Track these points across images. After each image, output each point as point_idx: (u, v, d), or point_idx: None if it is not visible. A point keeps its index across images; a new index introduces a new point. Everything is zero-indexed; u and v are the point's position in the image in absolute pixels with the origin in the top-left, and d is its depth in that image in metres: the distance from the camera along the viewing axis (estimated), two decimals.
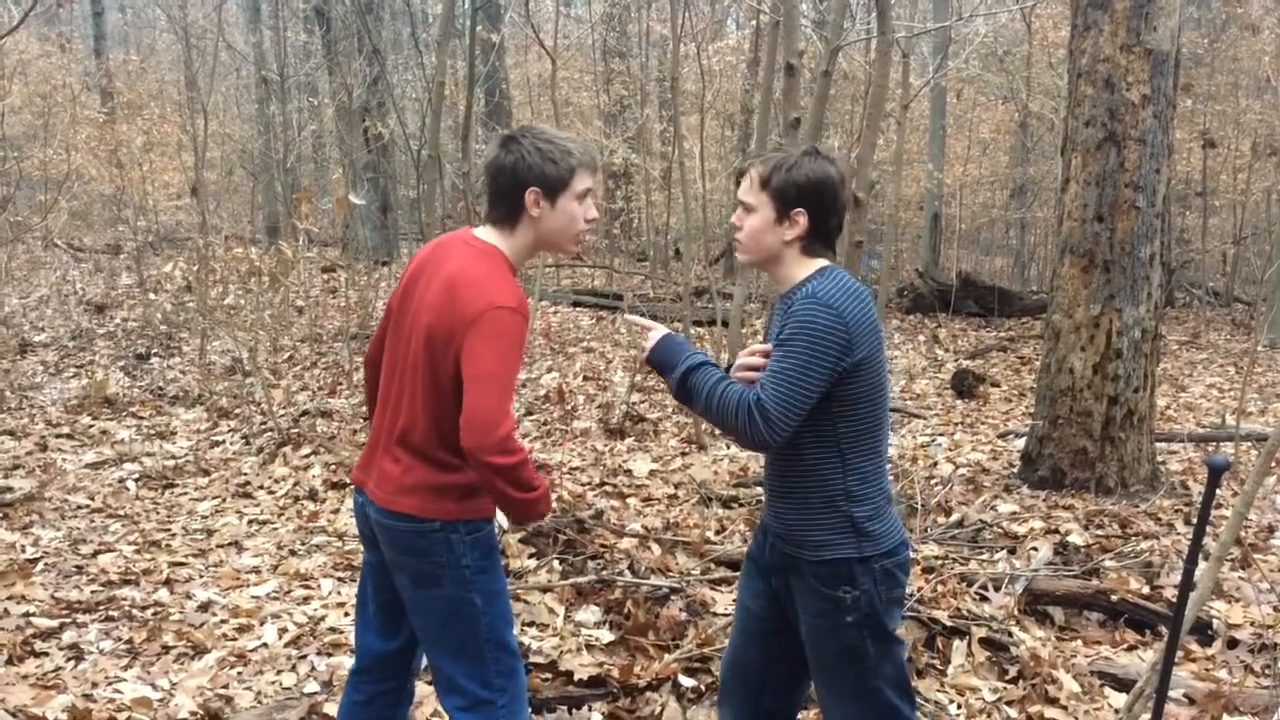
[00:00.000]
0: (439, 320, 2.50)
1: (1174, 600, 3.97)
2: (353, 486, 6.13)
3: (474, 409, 2.43)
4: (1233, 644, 4.15)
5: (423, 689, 3.39)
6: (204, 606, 4.58)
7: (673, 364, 2.53)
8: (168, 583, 4.86)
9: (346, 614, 4.48)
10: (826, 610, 2.50)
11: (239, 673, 3.96)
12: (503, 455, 2.43)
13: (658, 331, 2.62)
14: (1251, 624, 4.29)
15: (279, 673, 3.95)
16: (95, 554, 5.22)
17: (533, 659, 3.90)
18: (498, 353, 2.45)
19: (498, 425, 2.42)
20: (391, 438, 2.64)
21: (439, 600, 2.63)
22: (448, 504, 2.58)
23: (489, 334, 2.45)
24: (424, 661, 2.97)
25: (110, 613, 4.49)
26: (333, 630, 4.33)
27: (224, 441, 7.50)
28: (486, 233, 2.62)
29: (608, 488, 6.41)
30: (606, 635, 4.17)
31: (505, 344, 2.46)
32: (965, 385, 9.44)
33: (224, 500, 6.20)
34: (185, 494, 6.33)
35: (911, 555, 2.77)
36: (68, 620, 4.40)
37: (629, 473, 6.72)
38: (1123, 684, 3.78)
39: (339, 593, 4.74)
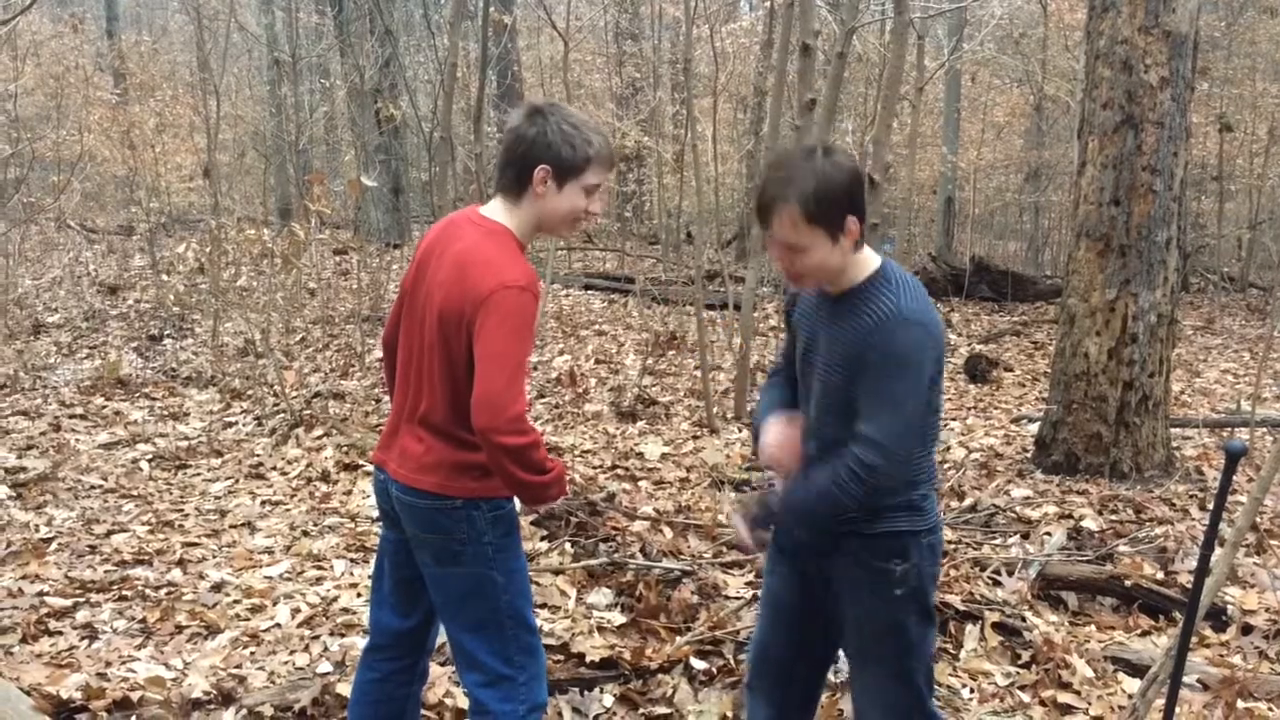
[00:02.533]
0: (450, 300, 2.49)
1: (1188, 586, 3.95)
2: (368, 466, 6.16)
3: (485, 389, 2.42)
4: (1247, 630, 4.13)
5: (436, 669, 3.39)
6: (217, 587, 4.60)
7: (773, 515, 2.49)
8: (181, 563, 4.88)
9: (359, 595, 4.49)
10: (877, 584, 2.47)
11: (252, 653, 3.97)
12: (514, 436, 2.42)
13: (739, 523, 2.56)
14: (1266, 610, 4.27)
15: (292, 653, 3.96)
16: (109, 534, 5.25)
17: (545, 641, 3.89)
18: (508, 332, 2.44)
19: (509, 405, 2.41)
20: (412, 417, 2.64)
21: (460, 577, 2.64)
22: (468, 481, 2.58)
23: (500, 313, 2.43)
24: (437, 641, 2.97)
25: (124, 592, 4.51)
26: (345, 611, 4.34)
27: (237, 423, 7.51)
28: (493, 209, 2.61)
29: (619, 471, 6.40)
30: (618, 617, 4.18)
31: (516, 323, 2.45)
32: (978, 370, 9.40)
33: (237, 481, 6.21)
34: (198, 475, 6.34)
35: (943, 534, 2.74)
36: (81, 600, 4.42)
37: (640, 456, 6.72)
38: (1136, 669, 3.76)
39: (351, 573, 4.75)
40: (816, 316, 2.53)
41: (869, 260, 2.45)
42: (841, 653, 2.73)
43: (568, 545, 4.87)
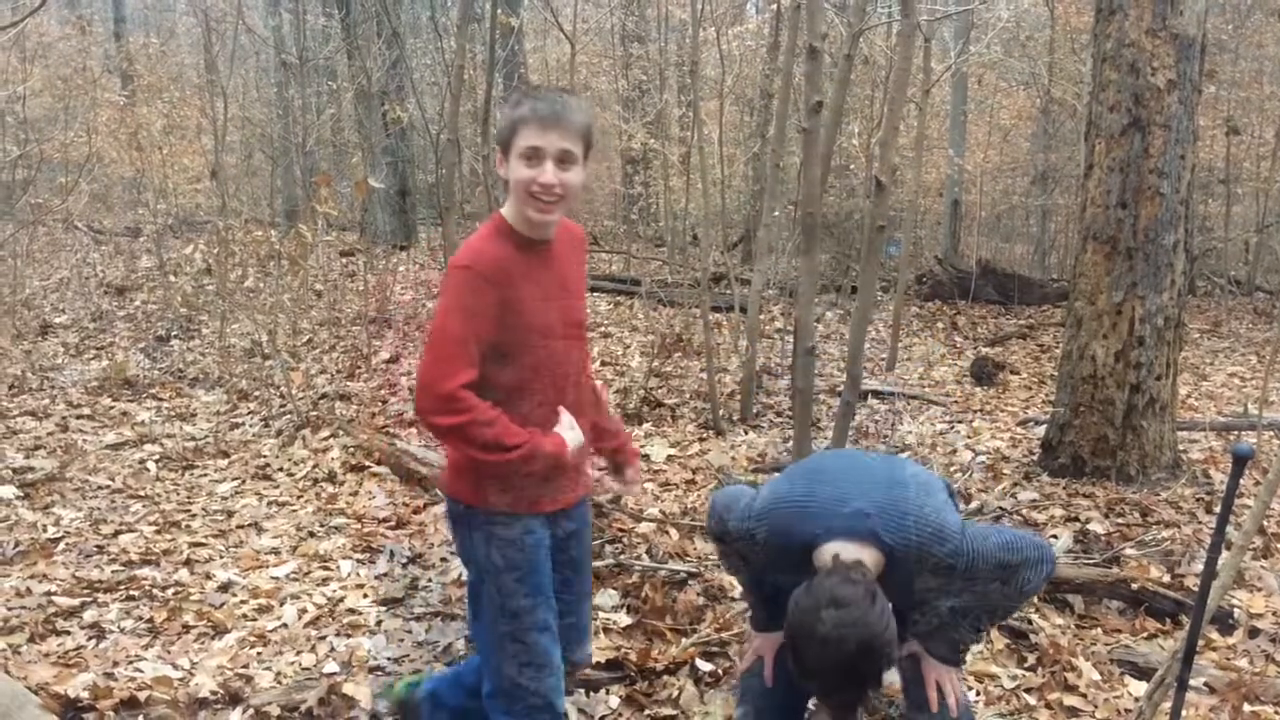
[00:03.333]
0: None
1: (1195, 589, 3.95)
2: (375, 468, 6.17)
3: (418, 371, 2.41)
4: (1254, 633, 4.13)
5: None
6: (224, 587, 4.61)
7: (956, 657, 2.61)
8: (188, 563, 4.89)
9: (365, 595, 4.50)
10: None
11: (259, 653, 3.98)
12: (445, 415, 2.37)
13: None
14: (1273, 614, 4.26)
15: (298, 653, 3.97)
16: (116, 534, 5.26)
17: None
18: (441, 310, 2.43)
19: (436, 383, 2.36)
20: None
21: (471, 583, 2.69)
22: (463, 485, 2.60)
23: (441, 294, 2.45)
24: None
25: (131, 592, 4.52)
26: (351, 611, 4.35)
27: (243, 424, 7.52)
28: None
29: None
30: (624, 619, 4.18)
31: (448, 300, 2.43)
32: (985, 372, 9.39)
33: (244, 482, 6.23)
34: (205, 475, 6.35)
35: None
36: (89, 599, 4.43)
37: (647, 457, 6.72)
38: (1143, 672, 3.76)
39: (358, 574, 4.76)
40: None
41: None
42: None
43: None
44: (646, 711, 3.56)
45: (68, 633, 4.12)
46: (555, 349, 2.59)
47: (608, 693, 3.63)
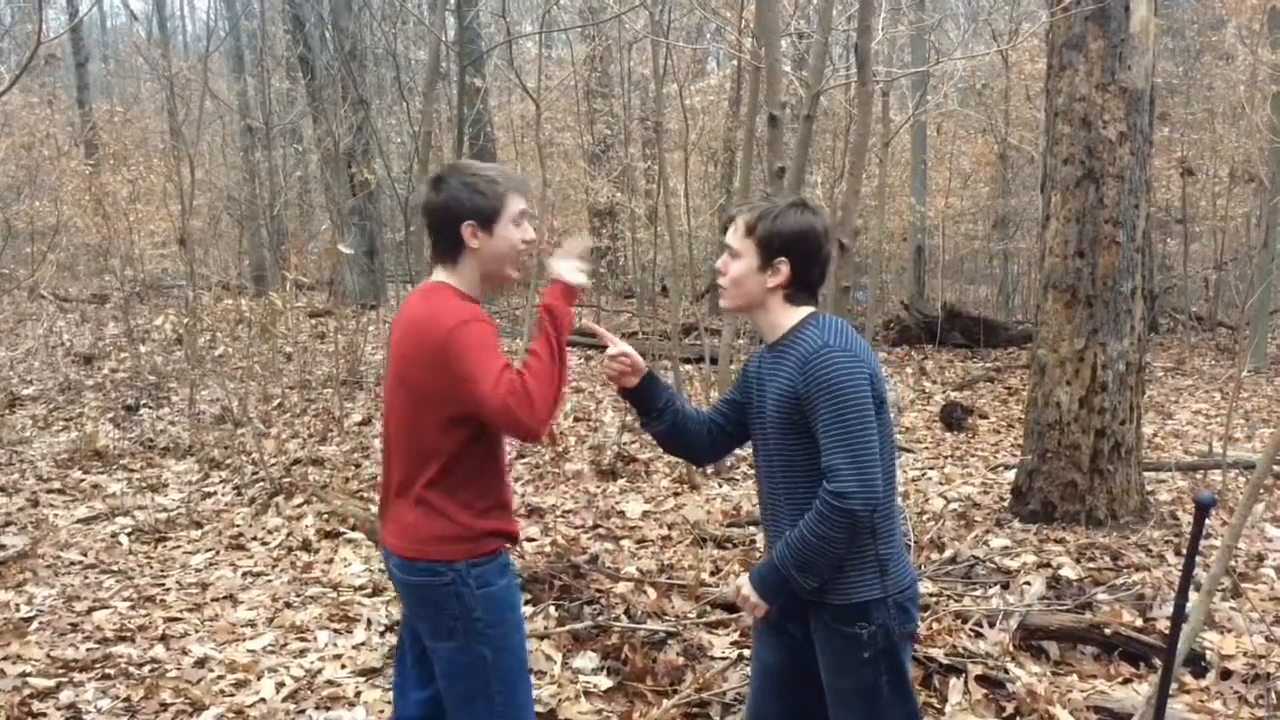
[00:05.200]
0: (408, 365, 2.60)
1: (1167, 632, 4.00)
2: (349, 534, 6.15)
3: (493, 411, 2.47)
4: (1226, 675, 4.17)
5: None
6: (200, 662, 4.58)
7: (776, 581, 2.53)
8: (163, 638, 4.86)
9: (344, 666, 4.48)
10: (844, 648, 2.53)
11: None
12: (547, 418, 2.51)
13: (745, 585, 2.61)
14: (1244, 654, 4.31)
15: None
16: (90, 610, 5.22)
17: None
18: (478, 356, 2.49)
19: (537, 417, 2.49)
20: (395, 491, 2.71)
21: (451, 652, 2.67)
22: (452, 548, 2.62)
23: (463, 349, 2.49)
24: None
25: (107, 670, 4.48)
26: (330, 683, 4.33)
27: (216, 493, 7.49)
28: (436, 273, 2.70)
29: (601, 530, 6.42)
30: (605, 681, 4.18)
31: (479, 346, 2.51)
32: (954, 418, 9.49)
33: (217, 553, 6.19)
34: (178, 547, 6.32)
35: (919, 590, 2.80)
36: (65, 679, 4.39)
37: (622, 514, 6.74)
38: (1119, 718, 3.80)
39: (335, 644, 4.74)
40: (759, 373, 2.66)
41: (801, 311, 2.61)
42: None
43: (552, 609, 4.87)
44: None
45: (44, 715, 4.08)
46: None
47: None
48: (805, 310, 2.61)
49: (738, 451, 8.26)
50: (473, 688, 2.67)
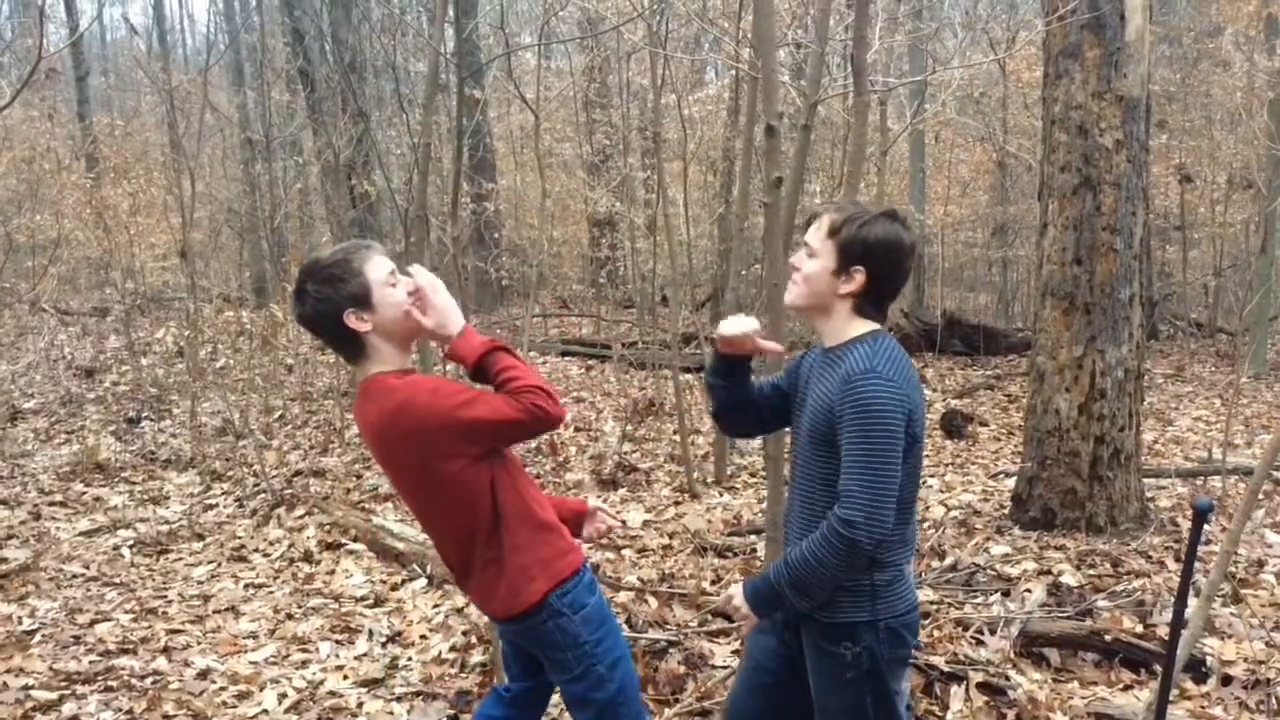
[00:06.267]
0: (406, 467, 2.62)
1: (1167, 639, 4.01)
2: (350, 545, 6.15)
3: (523, 423, 2.54)
4: (1227, 681, 4.18)
5: None
6: (203, 674, 4.59)
7: (768, 595, 2.54)
8: (166, 650, 4.87)
9: (346, 677, 4.49)
10: (830, 666, 2.54)
11: None
12: (550, 404, 2.55)
13: (737, 596, 2.62)
14: (1245, 660, 4.32)
15: None
16: (92, 623, 5.23)
17: None
18: (471, 404, 2.53)
19: (550, 415, 2.55)
20: (461, 573, 2.76)
21: (571, 682, 2.76)
22: (534, 587, 2.66)
23: (453, 411, 2.52)
24: None
25: (109, 683, 4.49)
26: (332, 694, 4.34)
27: (217, 505, 7.50)
28: (360, 370, 2.67)
29: (602, 540, 6.41)
30: None
31: (464, 402, 2.53)
32: (954, 425, 9.49)
33: (219, 565, 6.21)
34: (180, 559, 6.33)
35: (920, 615, 2.80)
36: (67, 692, 4.40)
37: (623, 524, 6.74)
38: None
39: (337, 655, 4.75)
40: (810, 373, 2.64)
41: (865, 325, 2.56)
42: None
43: None
44: None
45: None
46: None
47: None
48: (869, 325, 2.56)
49: (738, 460, 8.29)
50: (600, 706, 2.75)
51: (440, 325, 2.64)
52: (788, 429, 2.84)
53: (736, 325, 2.67)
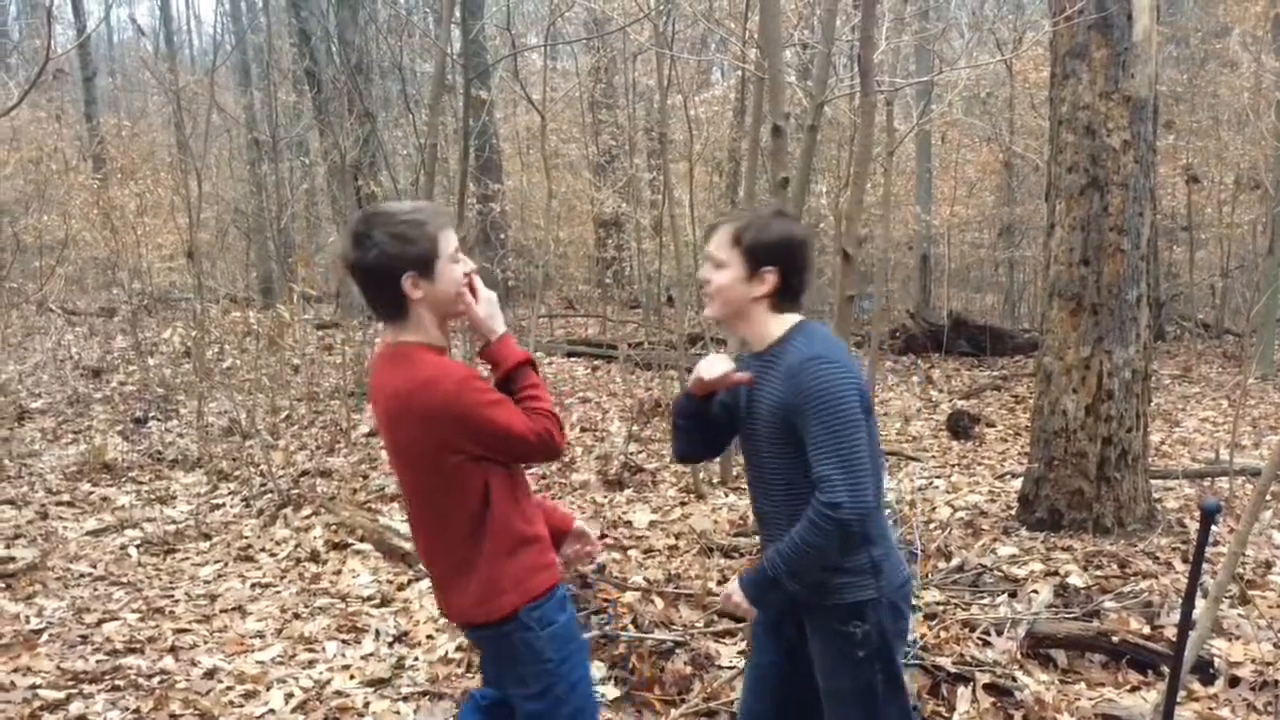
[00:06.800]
0: (410, 442, 2.54)
1: (1174, 640, 4.00)
2: (357, 545, 6.15)
3: (535, 447, 2.54)
4: (1234, 682, 4.17)
5: None
6: (210, 673, 4.60)
7: (765, 586, 2.56)
8: (173, 650, 4.88)
9: (352, 677, 4.50)
10: (841, 647, 2.57)
11: None
12: (560, 436, 2.58)
13: (735, 591, 2.63)
14: (1253, 661, 4.31)
15: None
16: (99, 623, 5.24)
17: None
18: (495, 410, 2.51)
19: (556, 440, 2.57)
20: (441, 572, 2.70)
21: (529, 699, 2.68)
22: (505, 600, 2.60)
23: (476, 407, 2.49)
24: None
25: (116, 682, 4.50)
26: (339, 694, 4.35)
27: (224, 504, 7.51)
28: (396, 334, 2.59)
29: (608, 540, 6.42)
30: (612, 691, 4.19)
31: (489, 401, 2.51)
32: (961, 426, 9.48)
33: (226, 564, 6.21)
34: (187, 559, 6.34)
35: (913, 589, 2.84)
36: (74, 691, 4.41)
37: (629, 524, 6.75)
38: None
39: (343, 655, 4.76)
40: (753, 375, 2.66)
41: (787, 320, 2.63)
42: None
43: None
44: None
45: None
46: None
47: None
48: (792, 318, 2.64)
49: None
50: None
51: (489, 317, 2.63)
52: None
53: (715, 367, 2.68)
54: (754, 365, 2.65)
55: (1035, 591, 5.08)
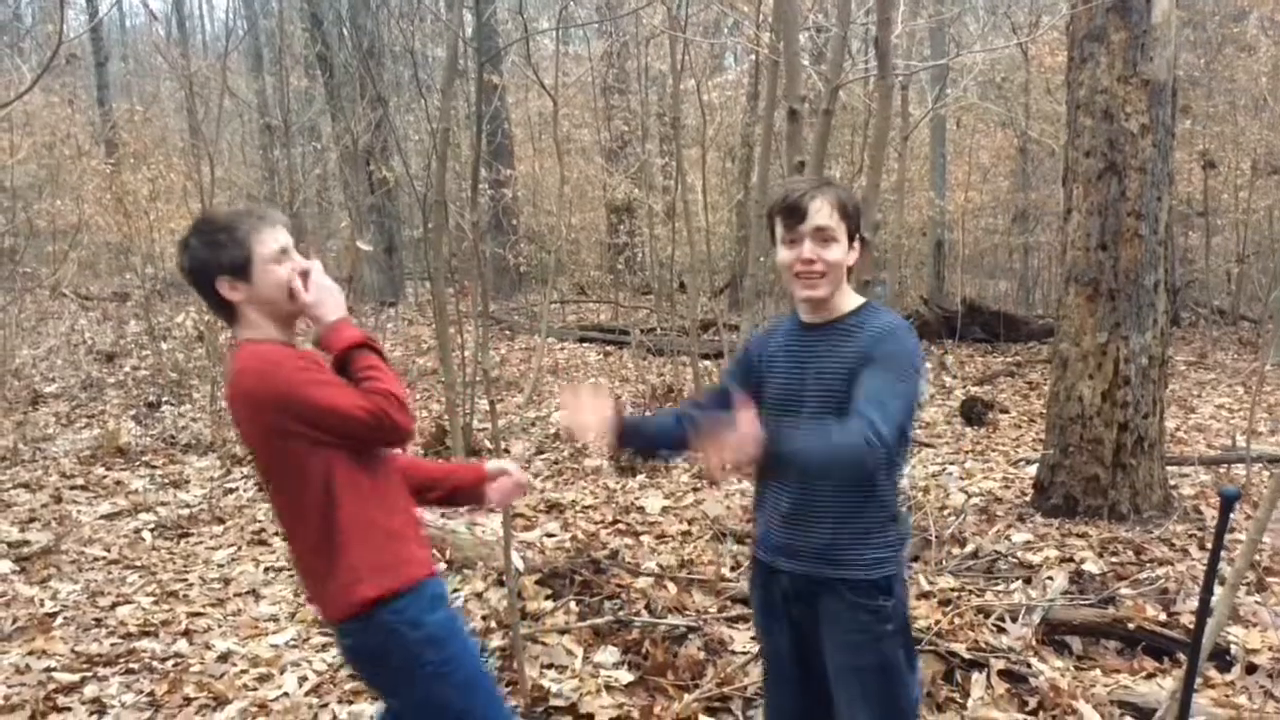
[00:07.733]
0: (247, 434, 2.50)
1: (1191, 626, 3.98)
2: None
3: (369, 425, 2.42)
4: (1251, 669, 4.15)
5: None
6: (224, 657, 4.60)
7: (773, 449, 2.29)
8: (187, 633, 4.89)
9: None
10: (869, 623, 2.51)
11: None
12: (401, 415, 2.44)
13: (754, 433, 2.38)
14: (1270, 649, 4.28)
15: None
16: (114, 606, 5.25)
17: (553, 701, 3.92)
18: (320, 389, 2.43)
19: (402, 416, 2.44)
20: (300, 562, 2.61)
21: (414, 707, 2.57)
22: (363, 589, 2.48)
23: (301, 387, 2.41)
24: None
25: (131, 665, 4.51)
26: (352, 677, 4.34)
27: (237, 488, 7.53)
28: (236, 333, 2.58)
29: (621, 526, 6.42)
30: (626, 676, 4.19)
31: (314, 381, 2.44)
32: (974, 412, 9.44)
33: (239, 548, 6.23)
34: (201, 543, 6.35)
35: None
36: (89, 674, 4.42)
37: (641, 510, 6.74)
38: (1143, 713, 3.78)
39: None
40: (797, 355, 2.56)
41: (856, 295, 2.58)
42: None
43: (573, 604, 4.89)
44: None
45: (69, 709, 4.11)
46: None
47: None
48: (856, 296, 2.58)
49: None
50: None
51: (318, 303, 2.55)
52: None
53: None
54: (806, 338, 2.55)
55: (1050, 578, 5.06)
